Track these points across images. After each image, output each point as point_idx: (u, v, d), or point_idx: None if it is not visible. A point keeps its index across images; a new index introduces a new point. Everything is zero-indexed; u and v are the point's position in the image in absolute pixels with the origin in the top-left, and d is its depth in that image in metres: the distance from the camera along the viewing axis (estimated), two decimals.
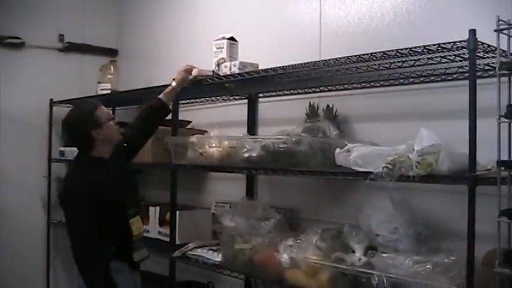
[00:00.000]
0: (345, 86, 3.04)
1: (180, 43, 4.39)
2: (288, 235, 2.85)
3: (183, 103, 3.89)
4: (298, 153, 2.65)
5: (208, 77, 3.20)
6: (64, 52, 5.01)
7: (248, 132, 3.55)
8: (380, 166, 2.22)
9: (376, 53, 2.35)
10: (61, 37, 4.98)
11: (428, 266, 2.20)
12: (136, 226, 2.87)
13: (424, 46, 2.18)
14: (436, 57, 2.31)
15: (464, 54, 2.18)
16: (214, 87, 3.35)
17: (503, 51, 2.03)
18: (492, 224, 1.96)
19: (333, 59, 2.53)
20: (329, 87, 3.11)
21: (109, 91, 4.54)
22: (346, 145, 2.48)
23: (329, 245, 2.62)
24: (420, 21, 2.75)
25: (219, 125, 3.51)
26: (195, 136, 3.28)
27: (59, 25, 4.97)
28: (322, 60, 2.61)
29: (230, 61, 3.16)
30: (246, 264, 2.90)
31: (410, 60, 2.38)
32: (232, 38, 3.25)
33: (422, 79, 2.71)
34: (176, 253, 3.31)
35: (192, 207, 3.84)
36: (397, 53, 2.29)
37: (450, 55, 2.26)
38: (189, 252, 3.29)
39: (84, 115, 2.79)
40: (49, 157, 4.84)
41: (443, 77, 2.63)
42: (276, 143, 2.73)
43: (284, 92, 3.42)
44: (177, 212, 3.42)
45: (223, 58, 3.19)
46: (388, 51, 2.30)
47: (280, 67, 2.76)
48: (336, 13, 3.17)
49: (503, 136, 1.97)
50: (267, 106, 3.63)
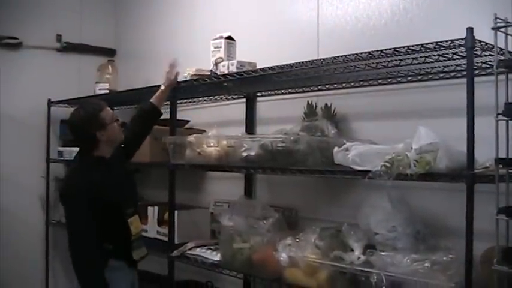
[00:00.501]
0: (343, 85, 3.04)
1: (178, 42, 4.39)
2: (287, 234, 2.85)
3: (181, 103, 3.89)
4: (296, 152, 2.65)
5: (206, 77, 3.21)
6: (62, 52, 4.99)
7: (246, 131, 3.55)
8: (378, 164, 2.22)
9: (373, 52, 2.35)
10: (59, 37, 4.96)
11: (426, 264, 2.21)
12: (134, 225, 2.88)
13: (422, 44, 2.18)
14: (434, 55, 2.31)
15: (462, 52, 2.18)
16: (212, 86, 3.35)
17: (500, 49, 2.03)
18: (490, 222, 1.96)
19: (331, 58, 2.53)
20: (327, 85, 3.12)
21: (107, 91, 4.54)
22: (344, 144, 2.48)
23: (328, 244, 2.62)
24: (418, 19, 2.76)
25: (217, 125, 3.51)
26: (193, 135, 3.27)
27: (57, 25, 4.96)
28: (320, 59, 2.61)
29: (228, 60, 3.16)
30: (245, 263, 2.90)
31: (408, 58, 2.38)
32: (230, 37, 3.26)
33: (420, 77, 2.71)
34: (175, 252, 3.31)
35: (191, 206, 3.84)
36: (395, 52, 2.29)
37: (448, 53, 2.26)
38: (188, 251, 3.29)
39: (89, 116, 2.82)
40: (47, 157, 4.84)
41: (441, 75, 2.63)
42: (274, 142, 2.73)
43: (282, 91, 3.42)
44: (176, 212, 3.42)
45: (221, 57, 3.20)
46: (386, 49, 2.30)
47: (278, 66, 2.76)
48: (334, 12, 3.17)
49: (501, 134, 1.97)
50: (265, 105, 3.63)
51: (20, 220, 4.70)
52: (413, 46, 2.22)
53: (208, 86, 3.34)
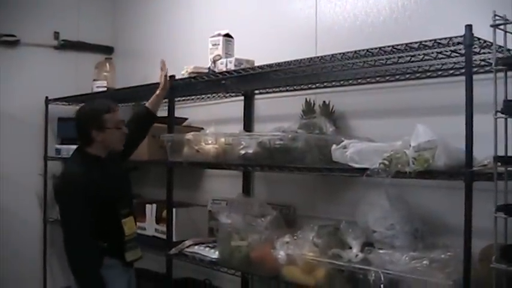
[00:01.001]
0: (341, 82, 3.03)
1: (176, 40, 4.38)
2: (285, 232, 2.84)
3: (179, 100, 3.89)
4: (294, 149, 2.64)
5: (204, 74, 3.20)
6: (59, 50, 4.99)
7: (244, 129, 3.54)
8: (376, 162, 2.21)
9: (372, 49, 2.35)
10: (56, 35, 4.96)
11: (425, 262, 2.20)
12: (128, 226, 2.89)
13: (420, 42, 2.18)
14: (432, 53, 2.31)
15: (460, 49, 2.18)
16: (210, 84, 3.35)
17: (499, 46, 2.02)
18: (488, 220, 1.95)
19: (329, 55, 2.53)
20: (325, 83, 3.11)
21: (105, 88, 4.54)
22: (342, 141, 2.47)
23: (326, 242, 2.62)
24: (416, 16, 2.75)
25: (215, 122, 3.50)
26: (191, 133, 3.27)
27: (54, 23, 4.96)
28: (318, 56, 2.62)
29: (226, 58, 3.16)
30: (243, 261, 2.90)
31: (406, 56, 2.38)
32: (227, 35, 3.25)
33: (418, 75, 2.71)
34: (173, 250, 3.31)
35: (189, 204, 3.83)
36: (393, 49, 2.29)
37: (446, 51, 2.26)
38: (186, 249, 3.28)
39: (92, 113, 2.84)
40: (45, 155, 4.83)
41: (439, 73, 2.63)
42: (272, 140, 2.72)
43: (280, 89, 3.41)
44: (174, 210, 3.42)
45: (219, 55, 3.19)
46: (384, 47, 2.30)
47: (276, 63, 2.76)
48: (332, 9, 3.16)
49: (499, 132, 1.97)
50: (263, 103, 3.63)
51: (18, 218, 4.69)
52: (411, 43, 2.22)
53: (206, 84, 3.34)
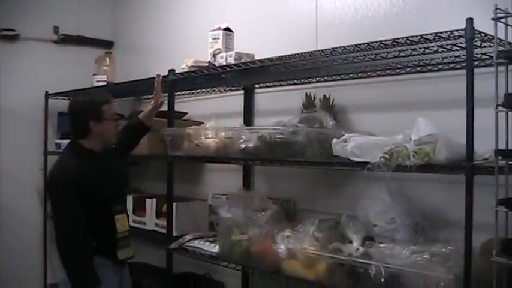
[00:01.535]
0: (342, 76, 3.03)
1: (176, 34, 4.37)
2: (285, 226, 2.84)
3: (179, 94, 3.89)
4: (294, 143, 2.64)
5: (204, 68, 3.20)
6: (59, 44, 4.98)
7: (244, 123, 3.54)
8: (377, 156, 2.21)
9: (373, 43, 2.34)
10: (56, 29, 4.95)
11: (425, 256, 2.20)
12: (121, 223, 2.86)
13: (421, 35, 2.17)
14: (433, 46, 2.30)
15: (461, 43, 2.17)
16: (210, 78, 3.34)
17: (500, 40, 2.01)
18: (489, 214, 1.95)
19: (330, 49, 2.52)
20: (325, 77, 3.10)
21: (104, 83, 4.54)
22: (343, 135, 2.47)
23: (326, 236, 2.62)
24: (417, 10, 2.74)
25: (215, 116, 3.49)
26: (192, 127, 3.27)
27: (54, 17, 4.95)
28: (318, 50, 2.61)
29: (226, 52, 3.15)
30: (243, 255, 2.90)
31: (407, 49, 2.37)
32: (228, 29, 3.24)
33: (419, 69, 2.70)
34: (173, 245, 3.30)
35: (189, 198, 3.83)
36: (394, 42, 2.28)
37: (447, 44, 2.25)
38: (186, 243, 3.28)
39: (90, 103, 2.83)
40: (45, 150, 4.83)
41: (440, 67, 2.62)
42: (273, 134, 2.72)
43: (280, 83, 3.41)
44: (174, 204, 3.41)
45: (219, 49, 3.18)
46: (385, 40, 2.29)
47: (276, 57, 2.75)
48: (332, 3, 3.15)
49: (500, 125, 1.96)
50: (264, 97, 3.62)
51: (18, 213, 4.69)
52: (412, 37, 2.21)
53: (206, 78, 3.34)
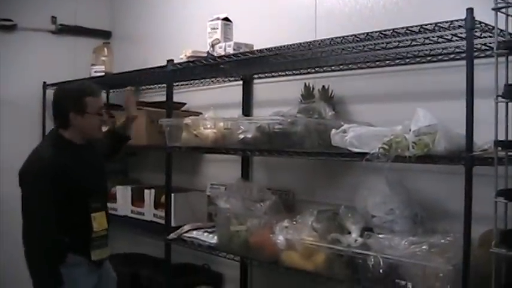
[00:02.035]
0: (341, 67, 3.02)
1: (174, 24, 4.35)
2: (284, 216, 2.84)
3: (178, 85, 3.87)
4: (293, 134, 2.63)
5: (202, 58, 3.18)
6: (57, 34, 4.95)
7: (243, 113, 3.53)
8: (376, 147, 2.21)
9: (372, 33, 2.33)
10: (53, 19, 4.92)
11: (424, 247, 2.20)
12: (98, 221, 2.75)
13: (421, 25, 2.16)
14: (433, 36, 2.30)
15: (461, 33, 2.16)
16: (208, 68, 3.33)
17: (501, 30, 2.01)
18: (488, 205, 1.95)
19: (329, 39, 2.51)
20: (324, 67, 3.09)
21: (103, 73, 4.52)
22: (342, 126, 2.46)
23: (325, 226, 2.62)
24: (416, 0, 2.72)
25: (214, 107, 3.48)
26: (190, 118, 3.26)
27: (52, 7, 4.91)
28: (317, 40, 2.59)
29: (225, 42, 3.14)
30: (242, 246, 2.90)
31: (406, 40, 2.36)
32: (226, 19, 3.23)
33: (418, 59, 2.69)
34: (171, 235, 3.30)
35: (187, 189, 3.83)
36: (394, 33, 2.27)
37: (447, 34, 2.24)
38: (185, 234, 3.28)
39: (73, 94, 2.73)
40: None
41: (439, 57, 2.61)
42: (271, 124, 2.71)
43: (279, 73, 3.40)
44: (172, 195, 3.41)
45: (217, 39, 3.17)
46: (384, 30, 2.28)
47: (275, 47, 2.73)
48: None
49: (500, 116, 1.96)
50: (262, 87, 3.61)
51: (17, 204, 4.65)
52: (412, 27, 2.20)
53: (204, 68, 3.32)
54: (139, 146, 3.73)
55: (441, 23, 2.10)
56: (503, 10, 1.96)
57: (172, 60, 3.35)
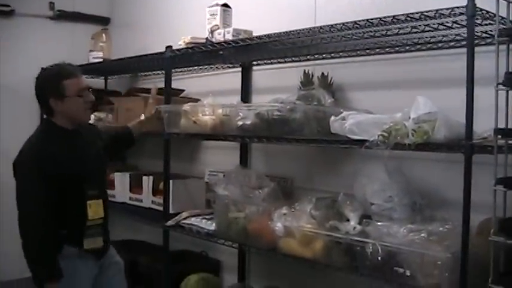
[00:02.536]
0: (340, 54, 3.00)
1: (173, 10, 4.33)
2: (282, 204, 2.83)
3: (176, 71, 3.85)
4: (292, 121, 2.62)
5: (201, 44, 3.17)
6: (55, 20, 4.93)
7: (242, 100, 3.52)
8: (375, 134, 2.20)
9: (372, 20, 2.32)
10: (51, 5, 4.89)
11: (423, 235, 2.20)
12: (93, 209, 2.66)
13: (422, 12, 2.15)
14: (434, 24, 2.28)
15: (462, 20, 2.15)
16: (207, 54, 3.32)
17: (502, 17, 2.00)
18: (487, 193, 1.95)
19: (328, 26, 2.49)
20: (324, 54, 3.08)
21: (101, 59, 4.51)
22: (341, 113, 2.45)
23: (323, 214, 2.61)
24: None
25: (213, 93, 3.47)
26: (188, 104, 3.25)
27: None
28: (317, 26, 2.58)
29: (224, 28, 3.13)
30: (240, 233, 2.90)
31: (407, 27, 2.35)
32: (225, 5, 3.22)
33: (419, 47, 2.68)
34: (170, 222, 3.31)
35: (186, 176, 3.82)
36: (394, 19, 2.26)
37: (448, 22, 2.23)
38: (183, 221, 3.29)
39: (49, 79, 2.66)
40: None
41: (440, 45, 2.60)
42: (270, 111, 2.70)
43: (278, 60, 3.38)
44: (171, 181, 3.41)
45: (216, 25, 3.16)
46: (385, 17, 2.27)
47: (274, 34, 2.72)
48: None
49: (500, 104, 1.95)
50: (261, 74, 3.60)
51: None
52: (412, 14, 2.18)
53: (203, 55, 3.31)
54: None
55: (442, 10, 2.09)
56: None
57: (171, 46, 3.34)
